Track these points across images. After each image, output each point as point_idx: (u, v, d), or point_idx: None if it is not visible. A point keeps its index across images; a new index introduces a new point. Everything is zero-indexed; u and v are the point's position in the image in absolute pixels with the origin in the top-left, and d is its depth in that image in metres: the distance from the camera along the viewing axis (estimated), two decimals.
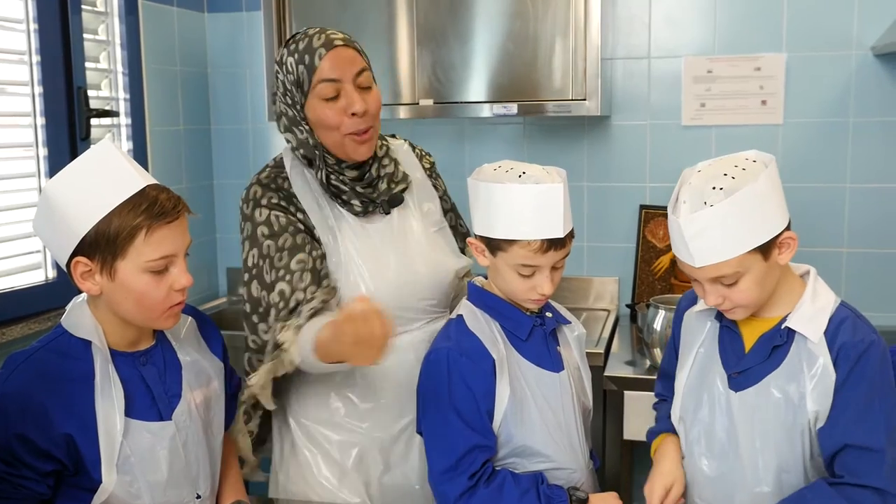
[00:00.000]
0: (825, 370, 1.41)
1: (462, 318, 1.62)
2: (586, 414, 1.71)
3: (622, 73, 2.81)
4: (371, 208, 1.78)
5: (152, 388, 1.49)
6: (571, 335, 1.71)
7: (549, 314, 1.67)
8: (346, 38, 1.74)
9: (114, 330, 1.46)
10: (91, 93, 2.50)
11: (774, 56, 2.68)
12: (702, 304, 1.54)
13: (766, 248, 1.39)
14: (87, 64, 2.51)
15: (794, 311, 1.46)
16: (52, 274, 2.37)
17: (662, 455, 1.58)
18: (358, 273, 1.74)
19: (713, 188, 1.37)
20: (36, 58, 2.33)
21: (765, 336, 1.48)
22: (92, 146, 1.50)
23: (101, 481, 1.40)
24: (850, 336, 1.42)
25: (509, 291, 1.61)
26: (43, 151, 2.35)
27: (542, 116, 2.66)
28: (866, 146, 2.65)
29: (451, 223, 1.96)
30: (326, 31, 1.73)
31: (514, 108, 2.52)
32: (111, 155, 1.43)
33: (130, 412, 1.44)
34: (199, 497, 1.55)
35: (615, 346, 2.57)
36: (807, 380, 1.43)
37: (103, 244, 1.39)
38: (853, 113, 2.65)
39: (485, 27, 2.52)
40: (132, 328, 1.48)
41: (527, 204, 1.52)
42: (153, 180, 1.46)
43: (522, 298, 1.60)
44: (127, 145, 2.70)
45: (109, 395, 1.41)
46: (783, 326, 1.45)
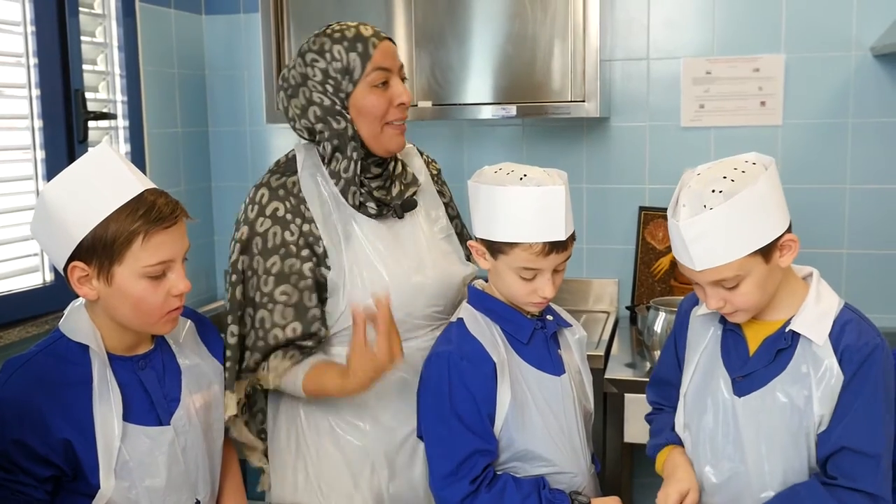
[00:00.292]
0: (831, 373, 1.41)
1: (462, 321, 1.61)
2: (588, 417, 1.71)
3: (621, 75, 2.80)
4: (385, 211, 1.77)
5: (151, 393, 1.48)
6: (572, 338, 1.70)
7: (549, 317, 1.66)
8: (385, 33, 1.80)
9: (112, 334, 1.46)
10: (88, 95, 2.49)
11: (773, 57, 2.67)
12: (704, 308, 1.53)
13: (766, 251, 1.39)
14: (85, 66, 2.50)
15: (797, 314, 1.45)
16: (49, 277, 2.36)
17: (675, 465, 1.56)
18: (369, 277, 1.72)
19: (712, 191, 1.37)
20: (33, 60, 2.32)
21: (769, 339, 1.48)
22: (90, 150, 1.49)
23: (99, 487, 1.39)
24: (854, 339, 1.42)
25: (510, 295, 1.60)
26: (40, 154, 2.34)
27: (542, 118, 2.65)
28: (866, 147, 2.65)
29: (458, 230, 1.96)
30: (366, 24, 1.77)
31: (514, 110, 2.51)
32: (109, 159, 1.43)
33: (129, 417, 1.43)
34: (198, 502, 1.54)
35: (615, 349, 2.56)
36: (813, 383, 1.42)
37: (100, 249, 1.38)
38: (852, 114, 2.64)
39: (483, 29, 2.52)
40: (130, 332, 1.47)
41: (528, 207, 1.51)
42: (151, 184, 1.45)
43: (523, 302, 1.59)
44: (124, 148, 2.69)
45: (107, 400, 1.41)
46: (787, 329, 1.45)
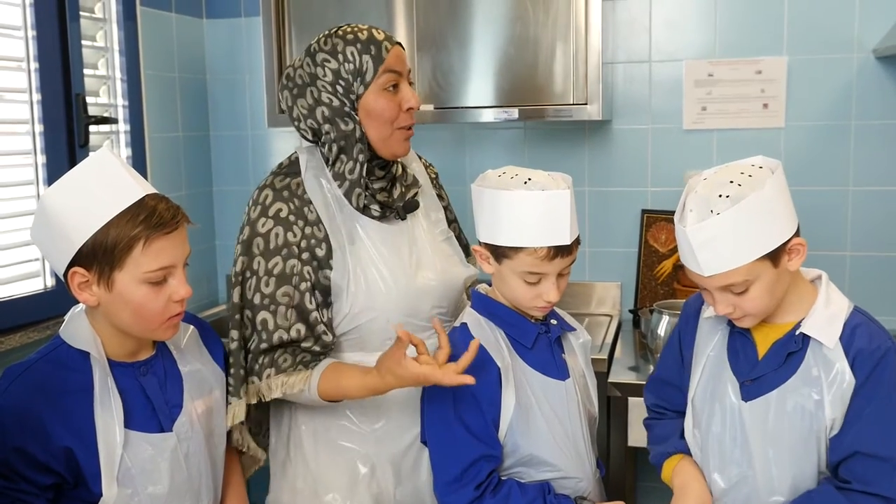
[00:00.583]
0: (843, 376, 1.40)
1: (466, 326, 1.61)
2: (592, 422, 1.70)
3: (623, 78, 2.80)
4: (388, 213, 1.76)
5: (152, 399, 1.47)
6: (577, 342, 1.69)
7: (553, 321, 1.66)
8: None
9: (112, 340, 1.45)
10: (89, 99, 2.49)
11: (776, 59, 2.67)
12: (712, 310, 1.52)
13: (775, 255, 1.38)
14: (86, 70, 2.49)
15: (807, 317, 1.44)
16: (50, 282, 2.35)
17: (687, 478, 1.55)
18: (373, 279, 1.71)
19: (719, 196, 1.36)
20: (34, 64, 2.31)
21: (778, 342, 1.47)
22: (90, 154, 1.48)
23: (101, 494, 1.39)
24: (866, 342, 1.41)
25: (514, 299, 1.59)
26: (41, 159, 2.33)
27: (543, 121, 2.65)
28: (868, 149, 2.64)
29: (455, 233, 1.96)
30: (376, 27, 1.77)
31: (516, 113, 2.51)
32: (109, 164, 1.42)
33: (130, 424, 1.42)
34: None
35: (618, 352, 2.55)
36: (825, 387, 1.41)
37: (101, 255, 1.37)
38: (855, 116, 2.64)
39: (485, 31, 2.51)
40: (131, 339, 1.47)
41: (533, 211, 1.51)
42: (152, 189, 1.45)
43: (528, 306, 1.59)
44: (126, 152, 2.69)
45: (109, 407, 1.40)
46: (797, 332, 1.44)
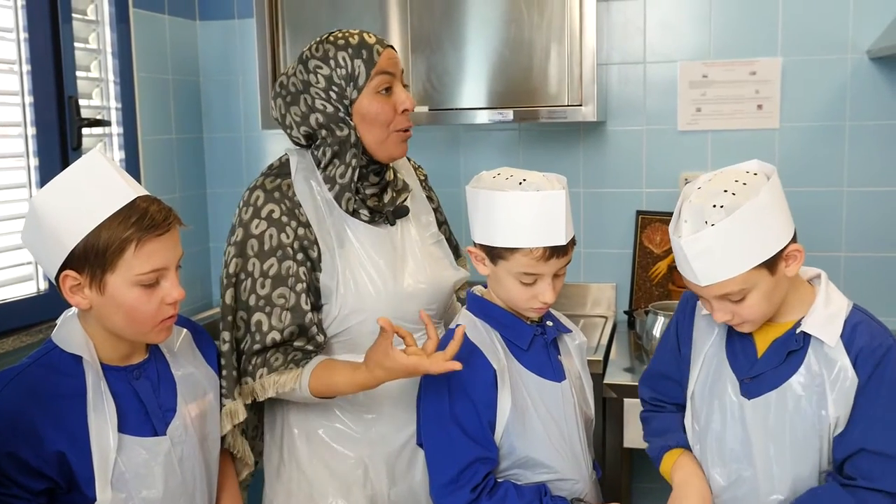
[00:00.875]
0: (846, 374, 1.40)
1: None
2: (588, 423, 1.70)
3: (617, 79, 2.80)
4: (377, 218, 1.76)
5: (146, 403, 1.47)
6: (572, 344, 1.69)
7: (549, 323, 1.65)
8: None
9: (105, 344, 1.44)
10: (82, 102, 2.48)
11: (770, 60, 2.67)
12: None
13: (772, 263, 1.38)
14: (78, 73, 2.48)
15: (808, 316, 1.44)
16: (43, 286, 2.34)
17: (690, 473, 1.54)
18: (362, 281, 1.71)
19: (713, 206, 1.35)
20: (26, 67, 2.30)
21: (779, 341, 1.47)
22: (81, 157, 1.47)
23: (94, 499, 1.38)
24: (868, 340, 1.41)
25: (510, 300, 1.59)
26: (34, 161, 2.32)
27: (538, 122, 2.64)
28: (863, 150, 2.64)
29: (447, 235, 1.96)
30: (366, 31, 1.77)
31: (510, 115, 2.50)
32: (100, 166, 1.41)
33: (124, 428, 1.42)
34: None
35: (613, 353, 2.55)
36: (827, 385, 1.41)
37: (92, 257, 1.36)
38: (849, 116, 2.64)
39: (480, 33, 2.51)
40: (124, 342, 1.46)
41: (528, 211, 1.50)
42: (144, 191, 1.44)
43: (524, 307, 1.58)
44: (119, 155, 2.68)
45: (102, 411, 1.39)
46: (798, 331, 1.44)
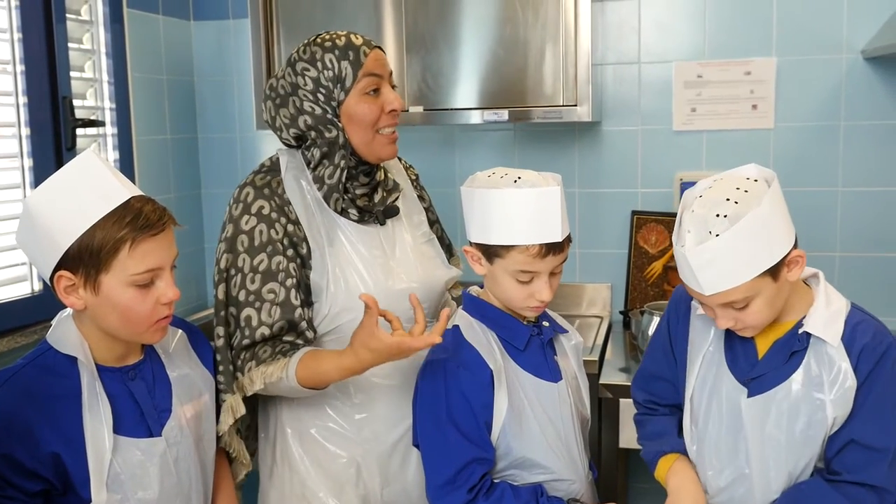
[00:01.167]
0: (846, 375, 1.41)
1: (458, 328, 1.60)
2: (585, 424, 1.69)
3: (612, 79, 2.80)
4: (367, 217, 1.76)
5: (141, 404, 1.46)
6: (569, 344, 1.69)
7: (545, 323, 1.65)
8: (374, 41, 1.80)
9: (100, 345, 1.44)
10: (76, 102, 2.47)
11: (765, 60, 2.67)
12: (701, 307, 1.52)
13: (775, 270, 1.38)
14: (72, 73, 2.47)
15: (809, 316, 1.45)
16: (38, 287, 2.33)
17: (685, 479, 1.54)
18: (352, 280, 1.71)
19: (717, 215, 1.36)
20: (20, 67, 2.29)
21: (780, 341, 1.47)
22: (75, 157, 1.47)
23: (90, 500, 1.37)
24: (870, 338, 1.43)
25: (507, 299, 1.59)
26: (28, 162, 2.32)
27: (533, 123, 2.64)
28: (857, 150, 2.65)
29: (438, 234, 1.96)
30: (355, 33, 1.77)
31: (505, 115, 2.50)
32: (94, 166, 1.41)
33: (119, 429, 1.41)
34: None
35: (609, 354, 2.55)
36: (826, 385, 1.42)
37: (87, 258, 1.36)
38: (844, 116, 2.64)
39: (474, 33, 2.51)
40: (119, 343, 1.45)
41: (524, 208, 1.50)
42: (138, 191, 1.43)
43: (521, 306, 1.58)
44: (113, 155, 2.67)
45: (97, 413, 1.39)
46: (801, 331, 1.45)
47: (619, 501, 1.73)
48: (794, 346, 1.45)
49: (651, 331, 2.41)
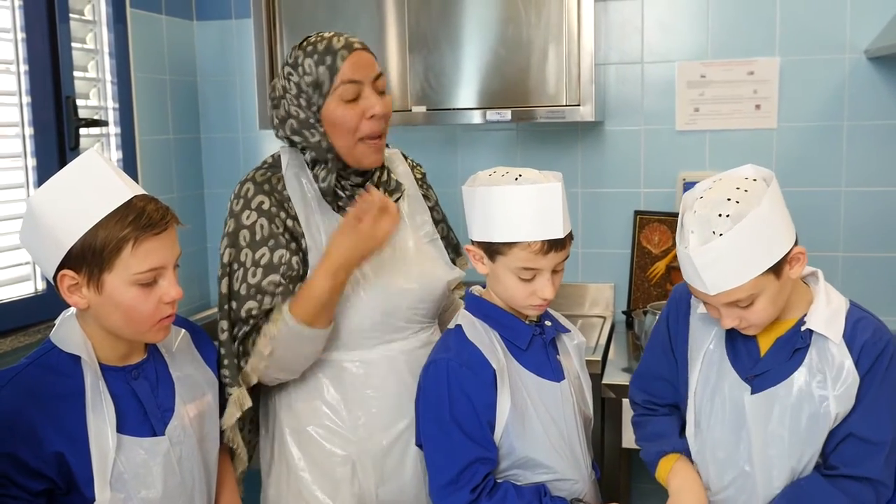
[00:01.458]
0: (849, 372, 1.43)
1: (461, 328, 1.60)
2: (587, 423, 1.69)
3: (615, 79, 2.80)
4: None
5: (144, 403, 1.46)
6: (571, 344, 1.69)
7: (548, 323, 1.65)
8: (362, 42, 1.76)
9: (103, 344, 1.44)
10: (79, 102, 2.47)
11: (768, 60, 2.67)
12: (703, 306, 1.52)
13: (777, 267, 1.40)
14: (76, 73, 2.48)
15: (811, 313, 1.46)
16: (42, 286, 2.34)
17: (687, 479, 1.55)
18: (351, 279, 1.70)
19: (719, 215, 1.37)
20: (23, 67, 2.30)
21: (782, 338, 1.48)
22: (78, 156, 1.47)
23: (93, 499, 1.37)
24: (870, 335, 1.44)
25: (509, 298, 1.58)
26: (31, 162, 2.32)
27: (536, 122, 2.64)
28: (861, 149, 2.64)
29: (443, 234, 1.95)
30: (342, 34, 1.75)
31: (508, 115, 2.50)
32: (97, 165, 1.41)
33: (123, 428, 1.41)
34: None
35: (612, 353, 2.55)
36: (829, 382, 1.43)
37: (90, 257, 1.36)
38: (847, 116, 2.64)
39: (477, 33, 2.51)
40: (122, 342, 1.46)
41: (525, 205, 1.50)
42: (141, 190, 1.44)
43: (523, 304, 1.58)
44: (116, 155, 2.67)
45: (101, 412, 1.39)
46: (803, 328, 1.46)
47: (622, 501, 1.74)
48: (797, 344, 1.46)
49: None
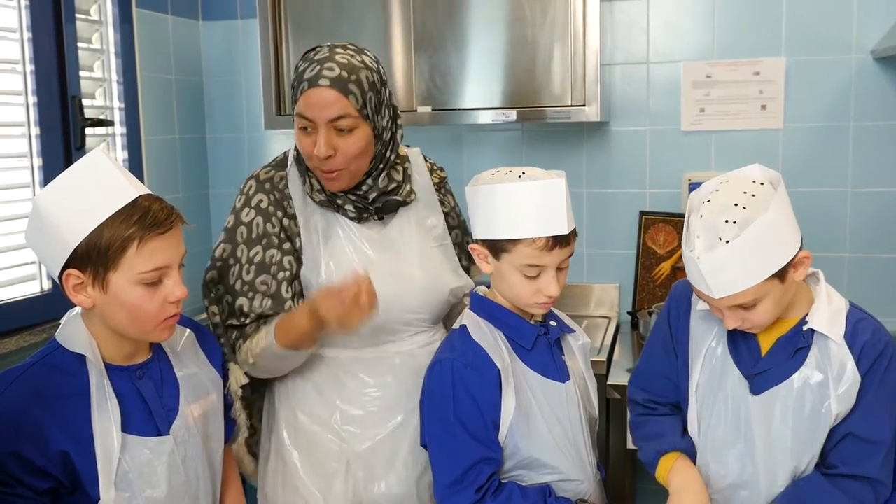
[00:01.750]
0: (851, 372, 1.43)
1: (465, 328, 1.60)
2: (593, 424, 1.69)
3: (621, 79, 2.79)
4: (365, 214, 1.76)
5: (149, 403, 1.46)
6: (576, 344, 1.69)
7: (553, 323, 1.65)
8: (338, 76, 1.62)
9: (109, 343, 1.44)
10: (85, 102, 2.48)
11: (774, 60, 2.66)
12: (704, 303, 1.53)
13: (782, 272, 1.40)
14: (82, 73, 2.48)
15: (812, 314, 1.47)
16: (47, 286, 2.34)
17: (688, 477, 1.54)
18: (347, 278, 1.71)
19: (726, 221, 1.37)
20: (30, 67, 2.30)
21: (784, 338, 1.49)
22: (84, 156, 1.48)
23: (98, 498, 1.37)
24: (870, 335, 1.46)
25: (515, 296, 1.58)
26: (37, 161, 2.33)
27: (541, 123, 2.64)
28: (867, 150, 2.64)
29: (457, 240, 1.93)
30: (330, 58, 1.64)
31: (514, 115, 2.50)
32: (102, 165, 1.41)
33: (127, 427, 1.41)
34: None
35: (617, 354, 2.54)
36: (830, 382, 1.44)
37: (95, 256, 1.36)
38: (853, 117, 2.63)
39: (483, 33, 2.51)
40: (127, 341, 1.46)
41: (529, 202, 1.50)
42: (146, 190, 1.44)
43: (528, 303, 1.57)
44: (122, 155, 2.68)
45: (106, 411, 1.39)
46: (805, 328, 1.46)
47: (627, 502, 1.73)
48: (799, 343, 1.47)
49: None
